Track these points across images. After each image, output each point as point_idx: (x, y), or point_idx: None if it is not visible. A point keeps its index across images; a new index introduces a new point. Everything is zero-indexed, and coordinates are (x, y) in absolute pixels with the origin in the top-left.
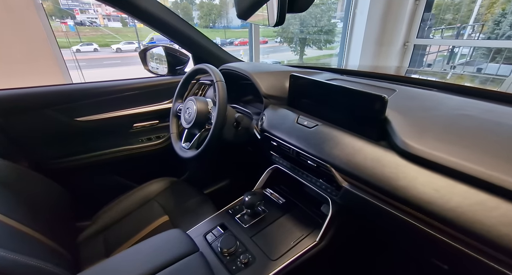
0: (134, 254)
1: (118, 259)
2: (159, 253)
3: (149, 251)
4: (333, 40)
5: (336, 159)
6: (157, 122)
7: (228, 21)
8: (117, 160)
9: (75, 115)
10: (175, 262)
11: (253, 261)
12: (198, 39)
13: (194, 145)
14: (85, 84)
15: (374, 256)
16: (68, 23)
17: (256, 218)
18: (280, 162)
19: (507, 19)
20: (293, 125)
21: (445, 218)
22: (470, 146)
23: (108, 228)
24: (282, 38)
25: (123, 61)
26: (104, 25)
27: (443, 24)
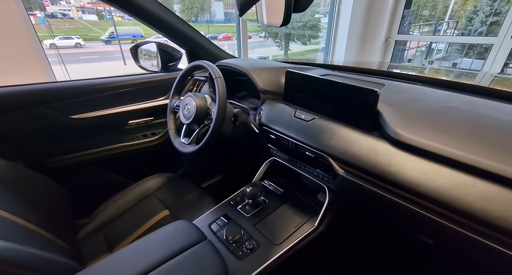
0: (143, 245)
1: (127, 251)
2: (168, 243)
3: (158, 241)
4: (317, 35)
5: (333, 149)
6: (151, 118)
7: (211, 15)
8: (113, 157)
9: (69, 112)
10: (185, 250)
11: (257, 246)
12: (192, 35)
13: (194, 140)
14: (78, 81)
15: (367, 238)
16: (37, 15)
17: (257, 208)
18: (277, 154)
19: (478, 16)
20: (291, 118)
21: (431, 197)
22: (453, 134)
23: (108, 225)
24: (267, 33)
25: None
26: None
27: (421, 21)
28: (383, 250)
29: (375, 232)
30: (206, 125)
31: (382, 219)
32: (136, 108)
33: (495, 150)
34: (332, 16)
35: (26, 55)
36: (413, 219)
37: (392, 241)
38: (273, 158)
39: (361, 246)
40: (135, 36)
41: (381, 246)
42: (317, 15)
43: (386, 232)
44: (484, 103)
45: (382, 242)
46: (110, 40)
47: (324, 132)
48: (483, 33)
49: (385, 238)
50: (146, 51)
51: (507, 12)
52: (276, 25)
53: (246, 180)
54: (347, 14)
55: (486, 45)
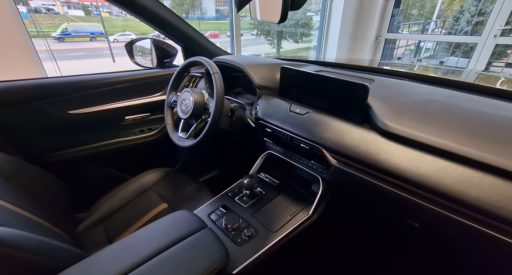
0: (145, 234)
1: (131, 239)
2: (170, 231)
3: (160, 230)
4: (309, 33)
5: (326, 141)
6: (148, 114)
7: (202, 12)
8: (110, 153)
9: (67, 108)
10: (187, 237)
11: (256, 234)
12: (187, 32)
13: (192, 135)
14: (75, 76)
15: (359, 224)
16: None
17: (255, 198)
18: (273, 148)
19: (464, 15)
20: (287, 113)
21: (416, 182)
22: (436, 125)
23: (107, 218)
24: (259, 30)
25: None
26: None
27: (410, 20)
28: (373, 235)
29: (366, 219)
30: (204, 120)
31: (373, 205)
32: (132, 104)
33: (473, 138)
34: (324, 14)
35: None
36: (400, 203)
37: (382, 227)
38: (269, 152)
39: (354, 232)
40: (93, 34)
41: (372, 232)
42: (308, 13)
43: (377, 218)
44: (465, 97)
45: (373, 228)
46: (63, 37)
47: (318, 125)
48: (468, 32)
49: (375, 224)
50: (141, 48)
51: (490, 12)
52: (274, 22)
53: (243, 174)
54: (339, 12)
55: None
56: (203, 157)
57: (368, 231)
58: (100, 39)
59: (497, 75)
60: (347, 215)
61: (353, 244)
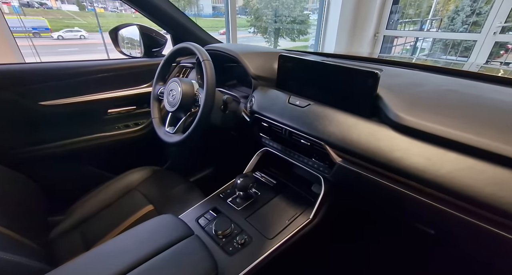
0: (123, 241)
1: (105, 248)
2: (151, 238)
3: (140, 237)
4: (307, 31)
5: (330, 136)
6: (134, 108)
7: (199, 9)
8: (91, 149)
9: (39, 98)
10: (171, 246)
11: (249, 241)
12: (178, 18)
13: (180, 129)
14: (49, 63)
15: (364, 229)
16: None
17: (249, 200)
18: (270, 144)
19: (459, 16)
20: (285, 105)
21: (438, 184)
22: (458, 117)
23: (85, 222)
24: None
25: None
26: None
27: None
28: (381, 242)
29: (373, 224)
30: (193, 113)
31: (380, 208)
32: (116, 96)
33: (504, 133)
34: (322, 10)
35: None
36: (415, 208)
37: (391, 233)
38: (265, 149)
39: (359, 239)
40: (36, 29)
41: (379, 239)
42: (305, 12)
43: (385, 223)
44: (487, 87)
45: (380, 234)
46: None
47: (321, 118)
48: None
49: (383, 230)
50: (127, 35)
51: (491, 8)
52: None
53: (237, 173)
54: (337, 8)
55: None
56: (195, 155)
57: (374, 238)
58: (45, 35)
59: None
60: (352, 220)
61: (358, 252)
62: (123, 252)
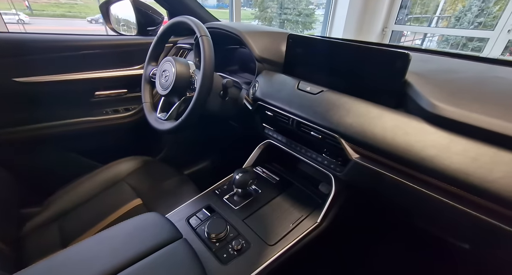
0: (99, 243)
1: (76, 250)
2: (133, 241)
3: (119, 239)
4: (311, 26)
5: (347, 128)
6: (124, 91)
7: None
8: (75, 134)
9: (13, 74)
10: (153, 252)
11: (247, 247)
12: None
13: (173, 116)
14: (27, 34)
15: (380, 239)
16: None
17: (248, 199)
18: (273, 136)
19: (467, 16)
20: (294, 91)
21: (487, 191)
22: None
23: (65, 215)
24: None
25: None
26: None
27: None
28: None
29: (390, 231)
30: (188, 98)
31: (403, 216)
32: (105, 76)
33: None
34: (330, 2)
35: None
36: (451, 219)
37: (411, 242)
38: (268, 141)
39: (372, 248)
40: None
41: (397, 248)
42: (311, 6)
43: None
44: None
45: (399, 243)
46: None
47: (336, 107)
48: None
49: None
50: (120, 11)
51: (506, 5)
52: None
53: (235, 167)
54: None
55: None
56: (192, 146)
57: (391, 248)
58: None
59: None
60: (365, 226)
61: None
62: (93, 257)
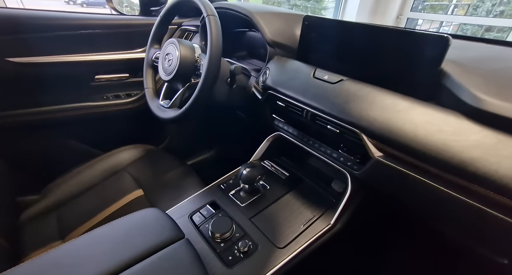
0: (96, 241)
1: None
2: (130, 241)
3: (117, 237)
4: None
5: (371, 123)
6: (126, 76)
7: None
8: (74, 120)
9: (7, 53)
10: (153, 253)
11: (254, 249)
12: None
13: (176, 104)
14: (21, 10)
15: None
16: None
17: (255, 195)
18: (284, 128)
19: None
20: (309, 80)
21: None
22: None
23: (64, 204)
24: None
25: None
26: None
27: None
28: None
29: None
30: (193, 85)
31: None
32: (105, 59)
33: None
34: None
35: None
36: (497, 233)
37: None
38: (278, 133)
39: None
40: None
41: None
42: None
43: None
44: None
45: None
46: None
47: (357, 98)
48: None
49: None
50: None
51: None
52: None
53: (241, 160)
54: None
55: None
56: (197, 135)
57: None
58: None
59: None
60: (384, 229)
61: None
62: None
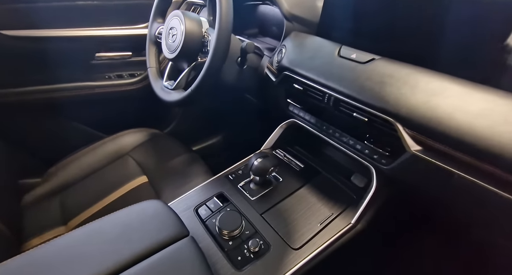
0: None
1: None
2: (129, 238)
3: (116, 233)
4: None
5: (410, 111)
6: (129, 54)
7: None
8: (76, 101)
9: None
10: (155, 252)
11: (266, 249)
12: None
13: (181, 85)
14: None
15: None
16: None
17: (267, 188)
18: (300, 115)
19: None
20: (333, 60)
21: None
22: None
23: (66, 189)
24: None
25: None
26: None
27: None
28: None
29: (448, 243)
30: (200, 64)
31: (476, 229)
32: (106, 35)
33: None
34: None
35: None
36: None
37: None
38: (292, 120)
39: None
40: None
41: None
42: None
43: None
44: None
45: (457, 260)
46: None
47: (394, 81)
48: None
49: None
50: None
51: None
52: None
53: (251, 148)
54: None
55: None
56: (203, 120)
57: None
58: None
59: None
60: (418, 232)
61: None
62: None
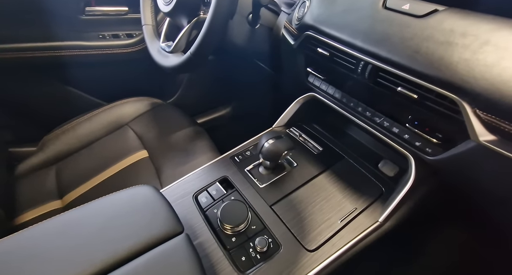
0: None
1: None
2: (108, 238)
3: (93, 228)
4: None
5: (490, 85)
6: (125, 9)
7: None
8: (68, 62)
9: None
10: (139, 255)
11: (275, 249)
12: None
13: (180, 47)
14: None
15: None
16: None
17: (279, 174)
18: (321, 88)
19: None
20: (376, 13)
21: None
22: None
23: (62, 159)
24: None
25: None
26: None
27: None
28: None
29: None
30: (202, 20)
31: None
32: None
33: None
34: None
35: None
36: None
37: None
38: (312, 94)
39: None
40: None
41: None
42: None
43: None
44: None
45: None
46: None
47: (467, 42)
48: None
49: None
50: None
51: None
52: None
53: (262, 123)
54: None
55: None
56: (209, 89)
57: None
58: None
59: None
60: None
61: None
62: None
